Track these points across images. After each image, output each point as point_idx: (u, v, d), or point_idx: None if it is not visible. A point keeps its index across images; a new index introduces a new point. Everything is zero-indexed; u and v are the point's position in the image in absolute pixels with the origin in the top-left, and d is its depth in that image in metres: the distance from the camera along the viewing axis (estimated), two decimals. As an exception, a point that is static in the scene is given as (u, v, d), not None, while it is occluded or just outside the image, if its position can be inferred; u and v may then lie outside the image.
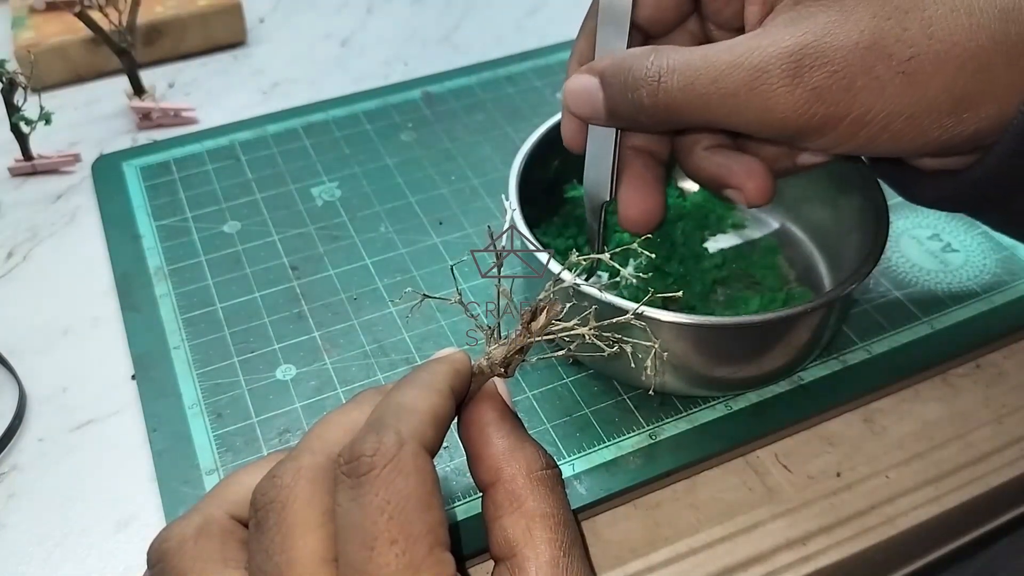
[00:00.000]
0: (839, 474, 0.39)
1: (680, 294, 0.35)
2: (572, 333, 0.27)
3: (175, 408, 0.41)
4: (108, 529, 0.38)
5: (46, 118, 0.53)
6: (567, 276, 0.35)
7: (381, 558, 0.22)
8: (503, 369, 0.28)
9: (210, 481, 0.38)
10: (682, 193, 0.50)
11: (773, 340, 0.39)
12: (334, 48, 0.67)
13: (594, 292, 0.36)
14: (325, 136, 0.57)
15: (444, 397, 0.26)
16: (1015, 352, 0.45)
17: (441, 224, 0.50)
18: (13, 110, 0.52)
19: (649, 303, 0.37)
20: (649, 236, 0.44)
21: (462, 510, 0.37)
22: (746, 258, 0.46)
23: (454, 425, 0.28)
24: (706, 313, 0.43)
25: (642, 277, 0.44)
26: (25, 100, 0.52)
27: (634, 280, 0.44)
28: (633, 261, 0.45)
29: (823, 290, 0.45)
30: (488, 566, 0.26)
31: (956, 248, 0.48)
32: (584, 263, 0.29)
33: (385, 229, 0.50)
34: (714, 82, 0.32)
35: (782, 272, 0.46)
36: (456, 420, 0.28)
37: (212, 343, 0.44)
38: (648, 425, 0.40)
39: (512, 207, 0.40)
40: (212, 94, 0.62)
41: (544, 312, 0.27)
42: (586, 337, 0.27)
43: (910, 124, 0.31)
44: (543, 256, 0.38)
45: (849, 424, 0.42)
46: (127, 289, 0.47)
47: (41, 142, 0.55)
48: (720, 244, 0.48)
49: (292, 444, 0.37)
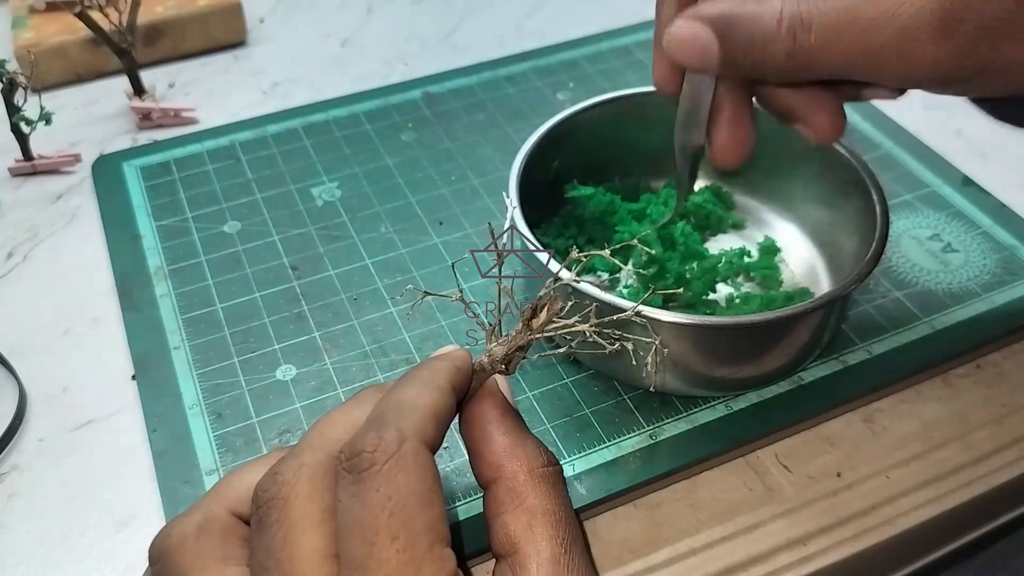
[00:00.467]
0: (839, 474, 0.39)
1: (681, 290, 0.35)
2: (573, 330, 0.27)
3: (175, 408, 0.41)
4: (108, 529, 0.38)
5: (46, 118, 0.53)
6: (565, 274, 0.35)
7: (382, 554, 0.22)
8: (504, 366, 0.28)
9: (210, 481, 0.38)
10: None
11: (773, 340, 0.39)
12: (334, 48, 0.67)
13: (594, 291, 0.36)
14: (325, 136, 0.57)
15: (445, 394, 0.26)
16: (1015, 352, 0.45)
17: (441, 224, 0.50)
18: (13, 110, 0.52)
19: (650, 301, 0.37)
20: (649, 233, 0.44)
21: (463, 510, 0.37)
22: (746, 258, 0.46)
23: (455, 425, 0.28)
24: (706, 313, 0.43)
25: (642, 273, 0.44)
26: (25, 100, 0.52)
27: (634, 277, 0.44)
28: (633, 260, 0.45)
29: (823, 290, 0.45)
30: (489, 566, 0.26)
31: (956, 248, 0.49)
32: (584, 260, 0.29)
33: (385, 229, 0.50)
34: (859, 40, 0.30)
35: (782, 272, 0.46)
36: (457, 417, 0.28)
37: (212, 343, 0.44)
38: (648, 425, 0.40)
39: (513, 204, 0.40)
40: (212, 94, 0.62)
41: (545, 309, 0.27)
42: (587, 334, 0.27)
43: None
44: (543, 256, 0.38)
45: (849, 424, 0.42)
46: (127, 289, 0.47)
47: (41, 142, 0.55)
48: (720, 244, 0.48)
49: (292, 443, 0.37)
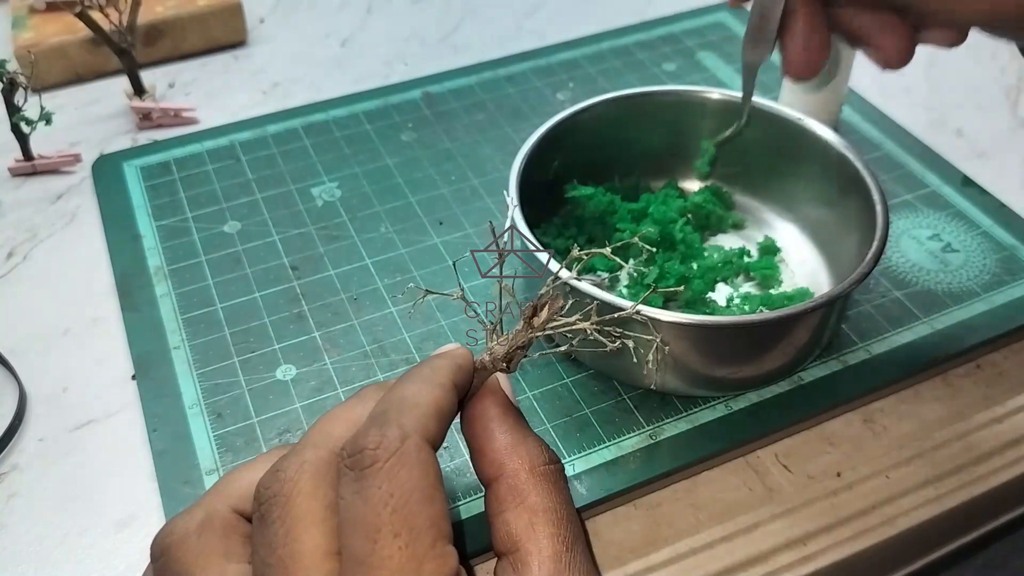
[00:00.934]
0: (839, 474, 0.39)
1: (681, 289, 0.35)
2: (574, 328, 0.27)
3: (175, 408, 0.41)
4: (108, 529, 0.38)
5: (46, 118, 0.53)
6: (565, 273, 0.35)
7: (384, 551, 0.22)
8: (505, 364, 0.28)
9: (210, 481, 0.38)
10: (682, 193, 0.50)
11: (773, 340, 0.39)
12: (334, 48, 0.67)
13: (593, 290, 0.36)
14: (325, 136, 0.57)
15: (446, 391, 0.26)
16: (1015, 352, 0.45)
17: (441, 224, 0.50)
18: (13, 110, 0.52)
19: (650, 300, 0.37)
20: (649, 232, 0.44)
21: (464, 509, 0.37)
22: (746, 258, 0.46)
23: (456, 424, 0.28)
24: (706, 313, 0.43)
25: (643, 271, 0.44)
26: (25, 100, 0.52)
27: (634, 274, 0.44)
28: (634, 260, 0.45)
29: (823, 290, 0.45)
30: (490, 566, 0.26)
31: (956, 248, 0.49)
32: (585, 259, 0.29)
33: (385, 229, 0.50)
34: None
35: (782, 272, 0.46)
36: (459, 416, 0.28)
37: (212, 343, 0.44)
38: (648, 425, 0.40)
39: (513, 202, 0.40)
40: (212, 94, 0.62)
41: (546, 307, 0.27)
42: (588, 332, 0.27)
43: None
44: (543, 256, 0.38)
45: (849, 424, 0.42)
46: (127, 289, 0.47)
47: (41, 142, 0.55)
48: (720, 244, 0.48)
49: (293, 442, 0.37)
